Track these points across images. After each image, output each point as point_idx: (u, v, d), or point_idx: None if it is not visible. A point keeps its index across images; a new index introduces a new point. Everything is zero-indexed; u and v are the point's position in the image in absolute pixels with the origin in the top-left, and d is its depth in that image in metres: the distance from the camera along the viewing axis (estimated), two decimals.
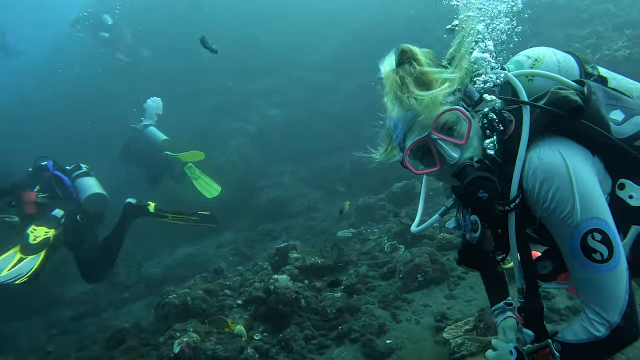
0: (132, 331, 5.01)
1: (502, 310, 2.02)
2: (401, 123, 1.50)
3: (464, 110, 1.45)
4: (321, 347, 4.24)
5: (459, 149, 1.42)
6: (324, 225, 9.43)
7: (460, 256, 1.83)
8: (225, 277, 6.32)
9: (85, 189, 5.26)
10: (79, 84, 13.30)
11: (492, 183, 1.35)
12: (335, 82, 12.44)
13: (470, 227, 1.68)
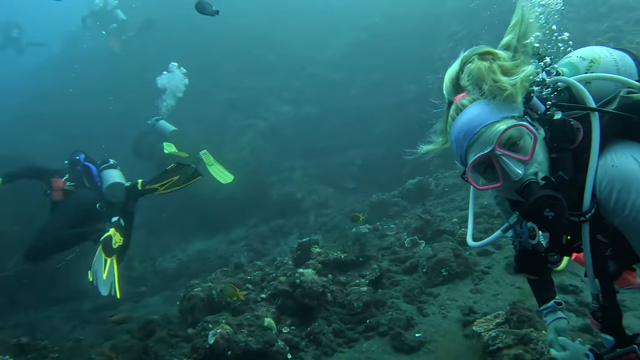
0: (160, 323, 5.06)
1: (552, 309, 1.99)
2: (463, 136, 1.43)
3: (529, 126, 1.38)
4: (350, 340, 4.29)
5: (523, 165, 1.36)
6: (336, 221, 9.46)
7: (518, 264, 1.76)
8: (246, 272, 6.37)
9: (108, 179, 5.39)
10: (93, 80, 13.28)
11: (559, 202, 1.28)
12: (348, 79, 12.47)
13: (527, 234, 1.65)
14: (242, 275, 6.16)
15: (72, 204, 5.17)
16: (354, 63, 12.49)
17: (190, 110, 12.18)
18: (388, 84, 11.55)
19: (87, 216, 5.16)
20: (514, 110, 1.39)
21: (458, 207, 6.74)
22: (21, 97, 15.37)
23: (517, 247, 1.75)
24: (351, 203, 10.29)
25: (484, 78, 1.40)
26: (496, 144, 1.34)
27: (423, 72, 10.38)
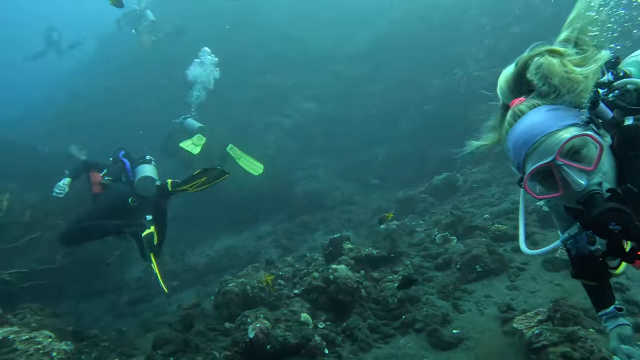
0: (198, 316, 5.16)
1: (612, 315, 1.87)
2: (522, 144, 1.37)
3: (594, 135, 1.29)
4: (386, 336, 4.29)
5: (585, 175, 1.28)
6: (361, 218, 9.46)
7: (575, 269, 1.66)
8: (277, 268, 6.44)
9: (140, 173, 5.44)
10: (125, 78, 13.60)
11: (626, 215, 1.20)
12: (371, 75, 12.38)
13: (586, 240, 1.55)
14: (273, 271, 6.24)
15: (107, 196, 5.26)
16: (377, 59, 12.39)
17: (217, 107, 12.33)
18: (412, 79, 11.43)
19: (120, 209, 5.21)
20: (576, 117, 1.32)
21: (488, 203, 6.65)
22: (61, 98, 15.85)
23: (573, 252, 1.66)
24: (375, 199, 10.27)
25: (555, 71, 1.34)
26: (557, 153, 1.28)
27: (449, 67, 10.26)
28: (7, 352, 3.43)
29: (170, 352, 4.49)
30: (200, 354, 4.50)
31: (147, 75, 13.43)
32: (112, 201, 5.21)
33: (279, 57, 13.07)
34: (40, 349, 3.51)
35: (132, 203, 5.22)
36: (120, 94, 12.98)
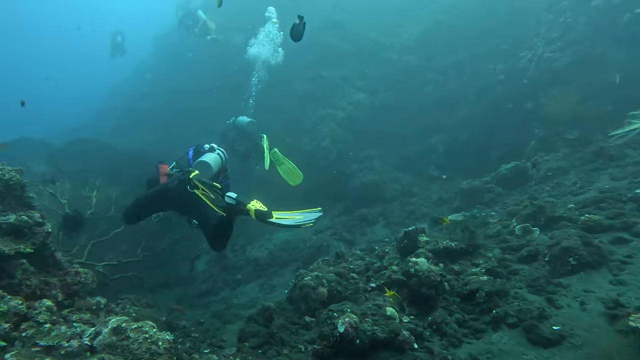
0: (277, 310, 5.23)
1: None
2: None
3: None
4: (476, 331, 4.15)
5: None
6: (424, 210, 9.26)
7: None
8: (347, 261, 6.40)
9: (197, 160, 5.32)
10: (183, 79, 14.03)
11: None
12: (425, 62, 12.03)
13: None
14: (345, 264, 6.21)
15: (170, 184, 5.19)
16: (431, 46, 12.01)
17: (269, 101, 12.46)
18: (470, 65, 11.00)
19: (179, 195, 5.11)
20: None
21: (570, 192, 6.26)
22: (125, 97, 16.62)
23: None
24: (436, 191, 10.01)
25: None
26: None
27: (513, 50, 9.76)
28: (122, 339, 3.60)
29: (257, 345, 4.57)
30: (286, 347, 4.55)
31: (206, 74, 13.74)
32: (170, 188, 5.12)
33: (330, 48, 12.94)
34: (147, 338, 3.65)
35: (191, 189, 4.91)
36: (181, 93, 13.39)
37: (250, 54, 9.52)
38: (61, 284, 4.18)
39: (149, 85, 15.18)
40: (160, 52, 17.71)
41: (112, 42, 17.22)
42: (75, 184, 6.61)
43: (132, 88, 16.90)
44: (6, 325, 3.47)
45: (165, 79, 14.50)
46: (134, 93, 15.89)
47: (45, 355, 3.36)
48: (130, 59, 17.74)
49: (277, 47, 9.56)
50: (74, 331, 3.70)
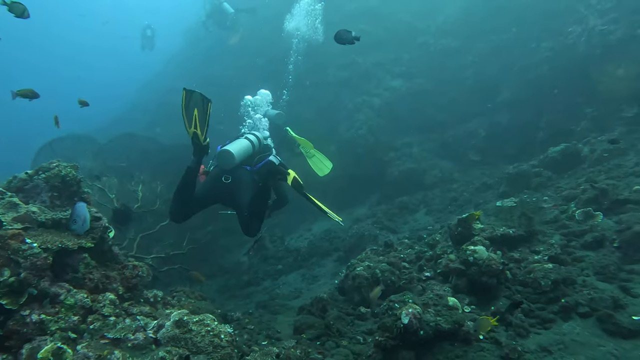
0: (330, 301, 5.16)
1: None
2: None
3: None
4: (544, 321, 3.95)
5: None
6: (466, 196, 8.98)
7: None
8: (397, 250, 6.26)
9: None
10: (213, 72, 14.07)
11: None
12: (463, 45, 11.58)
13: None
14: (394, 253, 6.07)
15: (207, 179, 5.14)
16: (470, 27, 11.51)
17: (303, 91, 12.33)
18: (512, 45, 10.49)
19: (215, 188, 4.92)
20: None
21: (633, 174, 5.88)
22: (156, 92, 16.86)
23: None
24: (478, 176, 9.69)
25: None
26: None
27: (559, 26, 9.23)
28: (185, 332, 3.61)
29: (315, 336, 4.52)
30: (344, 338, 4.48)
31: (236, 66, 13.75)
32: (207, 182, 4.99)
33: (363, 35, 12.59)
34: (209, 330, 3.65)
35: (225, 180, 4.93)
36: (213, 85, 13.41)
37: (288, 31, 9.23)
38: (120, 277, 4.22)
39: (179, 78, 15.31)
40: (190, 45, 17.80)
41: (142, 36, 17.47)
42: (121, 178, 6.72)
43: (162, 82, 17.10)
44: (75, 318, 3.53)
45: (195, 72, 14.57)
46: (165, 87, 16.05)
47: (113, 347, 3.39)
48: (160, 53, 17.90)
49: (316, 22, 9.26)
50: (138, 324, 3.73)
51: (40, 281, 3.48)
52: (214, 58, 14.95)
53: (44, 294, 3.50)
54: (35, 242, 3.62)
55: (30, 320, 3.35)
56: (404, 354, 3.81)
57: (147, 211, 6.44)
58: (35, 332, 3.33)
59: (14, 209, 4.13)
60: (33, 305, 3.44)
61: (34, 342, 3.29)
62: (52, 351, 3.24)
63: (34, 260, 3.48)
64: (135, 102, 18.94)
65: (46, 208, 4.36)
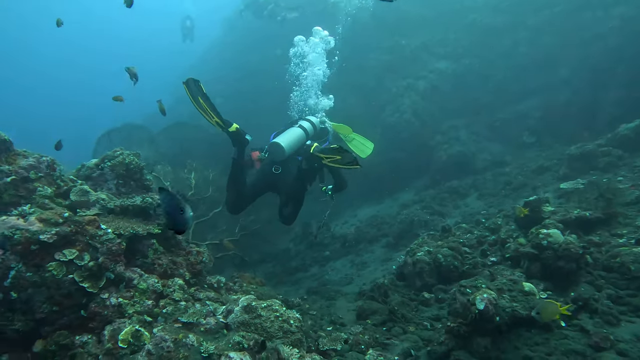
0: (390, 287, 5.02)
1: None
2: None
3: None
4: (637, 308, 3.65)
5: None
6: (521, 180, 8.54)
7: None
8: (455, 235, 6.03)
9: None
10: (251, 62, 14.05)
11: None
12: (513, 21, 10.94)
13: None
14: (453, 238, 5.85)
15: (259, 169, 5.12)
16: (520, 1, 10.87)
17: (345, 77, 12.09)
18: (572, 16, 9.79)
19: (266, 178, 4.98)
20: None
21: None
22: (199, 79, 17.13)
23: None
24: (533, 159, 9.20)
25: None
26: None
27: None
28: (254, 317, 3.58)
29: (380, 322, 4.40)
30: (410, 324, 4.34)
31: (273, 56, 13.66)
32: (259, 172, 5.02)
33: (407, 16, 12.21)
34: (278, 316, 3.61)
35: (275, 171, 4.97)
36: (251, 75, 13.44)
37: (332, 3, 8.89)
38: (186, 263, 4.25)
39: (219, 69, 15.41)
40: (228, 34, 17.85)
41: (182, 27, 17.65)
42: (174, 166, 6.81)
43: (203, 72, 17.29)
44: (149, 302, 3.57)
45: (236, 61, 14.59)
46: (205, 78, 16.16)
47: (187, 332, 3.40)
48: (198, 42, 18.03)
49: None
50: (207, 309, 3.74)
51: (116, 266, 3.53)
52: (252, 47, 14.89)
53: (120, 278, 3.55)
54: (109, 227, 3.67)
55: (110, 303, 3.41)
56: (479, 340, 3.63)
57: (201, 198, 6.49)
58: (115, 315, 3.39)
59: (85, 195, 4.22)
60: (110, 288, 3.51)
61: (114, 324, 3.35)
62: (132, 333, 3.29)
63: (110, 246, 3.53)
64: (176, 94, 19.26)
65: (113, 195, 4.44)
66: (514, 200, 7.83)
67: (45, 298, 3.30)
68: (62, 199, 4.17)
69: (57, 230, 3.41)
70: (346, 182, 5.25)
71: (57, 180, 4.36)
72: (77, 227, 3.50)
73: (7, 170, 4.12)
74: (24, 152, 4.34)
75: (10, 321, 3.28)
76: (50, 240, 3.36)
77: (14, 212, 3.65)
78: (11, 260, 3.29)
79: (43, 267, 3.32)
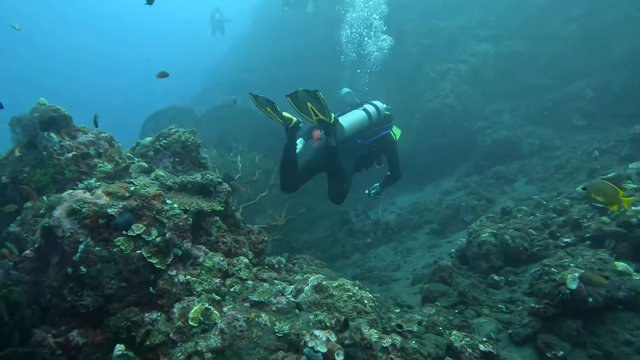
0: (454, 269, 4.72)
1: None
2: None
3: None
4: None
5: None
6: (574, 163, 8.05)
7: None
8: (515, 217, 5.67)
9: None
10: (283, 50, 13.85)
11: None
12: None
13: None
14: (514, 220, 5.49)
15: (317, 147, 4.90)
16: None
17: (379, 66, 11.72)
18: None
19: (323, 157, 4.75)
20: None
21: None
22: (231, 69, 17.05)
23: None
24: (586, 142, 8.68)
25: None
26: None
27: None
28: (325, 297, 3.36)
29: (450, 305, 4.12)
30: (483, 307, 4.04)
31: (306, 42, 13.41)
32: (316, 150, 4.78)
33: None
34: (351, 295, 3.37)
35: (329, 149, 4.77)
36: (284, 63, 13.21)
37: None
38: (248, 242, 4.05)
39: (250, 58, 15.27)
40: (259, 24, 17.68)
41: (212, 20, 17.61)
42: (219, 149, 6.65)
43: (234, 62, 17.20)
44: (217, 280, 3.38)
45: (267, 50, 14.40)
46: (238, 67, 16.09)
47: (259, 311, 3.20)
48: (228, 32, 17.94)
49: None
50: (277, 288, 3.53)
51: (183, 242, 3.36)
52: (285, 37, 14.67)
53: (186, 255, 3.38)
54: (174, 203, 3.50)
55: (178, 280, 3.24)
56: (569, 323, 3.31)
57: (248, 182, 6.31)
58: (183, 293, 3.22)
59: (144, 173, 4.07)
60: (178, 265, 3.33)
61: (183, 301, 3.17)
62: (201, 311, 3.11)
63: (177, 221, 3.36)
64: (207, 84, 19.27)
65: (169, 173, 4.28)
66: (568, 185, 7.39)
67: (113, 274, 3.15)
68: (122, 176, 4.04)
69: (124, 204, 3.25)
70: (400, 172, 5.03)
71: (115, 157, 4.23)
72: (144, 201, 3.34)
73: (69, 145, 4.02)
74: (83, 127, 4.23)
75: (80, 296, 3.15)
76: (118, 214, 3.20)
77: (80, 185, 3.52)
78: (80, 234, 3.15)
79: (111, 242, 3.17)
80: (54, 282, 3.22)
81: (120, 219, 3.18)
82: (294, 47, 13.27)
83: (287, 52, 13.53)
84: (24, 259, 3.44)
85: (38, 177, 3.98)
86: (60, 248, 3.22)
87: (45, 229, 3.30)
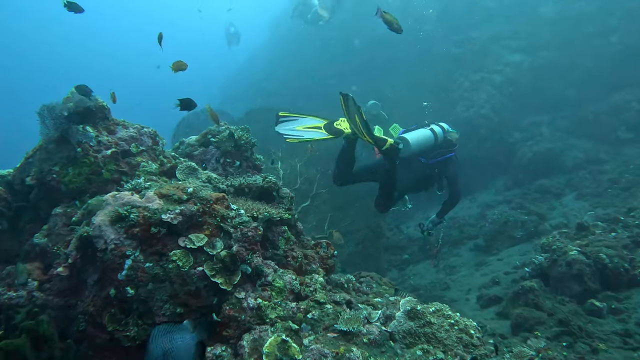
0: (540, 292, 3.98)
1: None
2: None
3: None
4: None
5: None
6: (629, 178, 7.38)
7: None
8: (594, 234, 4.95)
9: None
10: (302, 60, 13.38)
11: None
12: (601, 8, 9.78)
13: None
14: (593, 237, 4.76)
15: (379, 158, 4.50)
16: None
17: (407, 77, 11.18)
18: None
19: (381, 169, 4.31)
20: None
21: None
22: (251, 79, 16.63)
23: None
24: (634, 155, 8.01)
25: None
26: None
27: None
28: (422, 325, 2.64)
29: (553, 335, 3.37)
30: (594, 339, 3.30)
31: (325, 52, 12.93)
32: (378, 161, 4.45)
33: (473, 7, 11.21)
34: (453, 324, 2.66)
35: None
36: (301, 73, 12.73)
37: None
38: (318, 257, 3.35)
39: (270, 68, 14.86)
40: (276, 36, 17.32)
41: (227, 33, 17.27)
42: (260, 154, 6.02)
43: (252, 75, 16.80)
44: (293, 305, 2.67)
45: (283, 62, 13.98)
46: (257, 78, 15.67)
47: (348, 343, 2.49)
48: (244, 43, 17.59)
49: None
50: (362, 314, 2.81)
51: (253, 256, 2.66)
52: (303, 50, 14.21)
53: (256, 272, 2.68)
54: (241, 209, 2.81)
55: (248, 305, 2.53)
56: None
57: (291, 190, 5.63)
58: (254, 320, 2.51)
59: (194, 174, 3.40)
60: (246, 286, 2.63)
61: (254, 332, 2.46)
62: (277, 345, 2.39)
63: (245, 230, 2.67)
64: (226, 93, 18.81)
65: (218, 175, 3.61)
66: (627, 200, 6.69)
67: (167, 296, 2.45)
68: (167, 178, 3.37)
69: (181, 209, 2.57)
70: (461, 195, 4.52)
71: (160, 155, 3.57)
72: (204, 205, 2.66)
73: (107, 141, 3.35)
74: (123, 121, 3.57)
75: (124, 326, 2.44)
76: (174, 221, 2.52)
77: (126, 185, 2.85)
78: (127, 246, 2.46)
79: (166, 256, 2.48)
80: (90, 307, 2.51)
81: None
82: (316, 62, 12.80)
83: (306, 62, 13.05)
84: (52, 278, 2.75)
85: (70, 177, 3.29)
86: (100, 264, 2.53)
87: (83, 240, 2.61)
